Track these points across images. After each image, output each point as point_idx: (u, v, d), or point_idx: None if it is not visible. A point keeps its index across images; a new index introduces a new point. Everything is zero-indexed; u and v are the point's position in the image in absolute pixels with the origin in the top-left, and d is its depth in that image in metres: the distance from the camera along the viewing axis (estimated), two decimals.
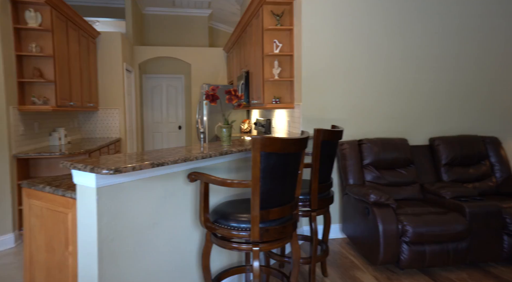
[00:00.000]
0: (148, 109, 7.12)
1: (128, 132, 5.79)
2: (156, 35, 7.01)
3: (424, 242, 2.63)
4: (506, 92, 3.71)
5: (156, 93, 7.16)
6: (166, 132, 7.23)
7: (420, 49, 3.53)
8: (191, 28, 7.11)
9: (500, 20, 3.62)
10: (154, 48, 6.60)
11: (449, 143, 3.44)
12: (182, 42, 7.07)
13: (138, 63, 6.55)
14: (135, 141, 6.34)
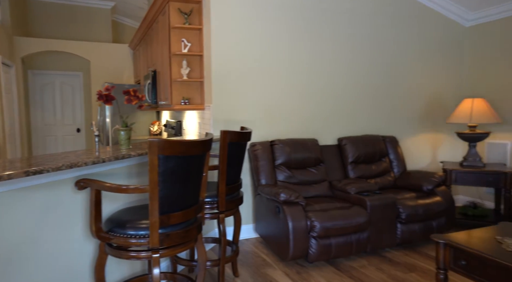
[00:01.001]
0: (37, 110, 6.52)
1: (8, 136, 5.24)
2: (46, 26, 6.49)
3: (330, 235, 2.97)
4: (402, 96, 4.37)
5: (47, 92, 6.60)
6: (62, 136, 6.71)
7: (329, 54, 3.97)
8: (90, 21, 6.75)
9: (399, 30, 4.26)
10: (42, 41, 6.10)
11: (355, 143, 3.92)
12: (79, 35, 6.66)
13: (20, 56, 5.97)
14: (19, 147, 5.74)
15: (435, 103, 4.56)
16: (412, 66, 4.40)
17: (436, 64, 4.52)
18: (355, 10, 4.04)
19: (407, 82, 4.39)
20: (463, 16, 4.52)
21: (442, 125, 4.61)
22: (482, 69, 4.46)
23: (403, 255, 3.22)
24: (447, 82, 4.61)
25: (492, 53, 4.34)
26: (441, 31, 4.50)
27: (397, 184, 3.92)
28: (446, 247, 2.19)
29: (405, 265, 3.00)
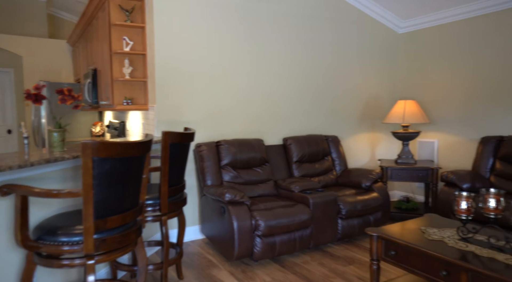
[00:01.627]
0: None
1: None
2: None
3: (275, 233, 3.05)
4: (343, 97, 4.60)
5: None
6: None
7: (274, 56, 4.06)
8: (23, 14, 6.27)
9: (339, 34, 4.47)
10: None
11: (299, 142, 4.06)
12: (10, 29, 6.17)
13: None
14: None
15: (373, 104, 4.87)
16: (352, 69, 4.65)
17: (373, 67, 4.83)
18: (298, 13, 4.19)
19: (347, 84, 4.63)
20: (396, 24, 4.87)
21: (379, 125, 4.93)
22: (413, 73, 4.84)
23: (343, 249, 3.40)
24: (383, 85, 4.94)
25: (421, 58, 4.72)
26: (377, 36, 4.81)
27: (339, 181, 4.13)
28: (379, 239, 2.36)
29: (345, 259, 3.18)
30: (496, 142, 3.77)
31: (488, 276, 1.78)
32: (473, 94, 4.18)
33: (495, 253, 1.97)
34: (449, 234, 2.29)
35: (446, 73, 4.45)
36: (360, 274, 2.87)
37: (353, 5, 4.55)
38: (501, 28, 3.90)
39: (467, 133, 4.26)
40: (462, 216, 2.18)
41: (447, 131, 4.46)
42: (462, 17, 4.23)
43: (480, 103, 4.12)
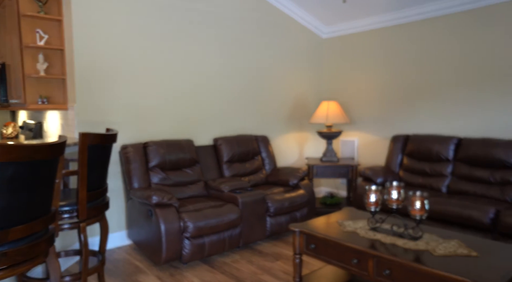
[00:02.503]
0: None
1: None
2: None
3: (204, 234, 3.08)
4: (272, 98, 4.77)
5: None
6: None
7: (203, 56, 4.07)
8: None
9: (268, 37, 4.61)
10: None
11: (229, 142, 4.12)
12: None
13: None
14: None
15: (300, 105, 5.12)
16: (280, 70, 4.84)
17: (300, 69, 5.08)
18: (228, 14, 4.25)
19: (275, 85, 4.81)
20: (320, 29, 5.18)
21: (306, 125, 5.21)
22: (336, 76, 5.19)
23: (272, 246, 3.55)
24: (309, 86, 5.22)
25: (343, 62, 5.09)
26: (303, 40, 5.07)
27: (268, 180, 4.27)
28: (300, 234, 2.52)
29: (273, 255, 3.31)
30: (404, 140, 4.22)
31: (389, 260, 2.01)
32: (386, 97, 4.61)
33: (396, 239, 2.22)
34: (361, 225, 2.52)
35: (363, 77, 4.85)
36: (286, 268, 3.02)
37: (280, 10, 4.74)
38: (410, 38, 4.36)
39: (382, 132, 4.69)
40: (372, 208, 2.42)
41: (365, 130, 4.86)
42: (376, 26, 4.64)
43: (392, 105, 4.56)
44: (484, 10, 3.76)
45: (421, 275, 1.89)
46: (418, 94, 4.32)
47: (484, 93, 3.81)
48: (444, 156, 3.86)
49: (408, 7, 4.24)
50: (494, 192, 3.46)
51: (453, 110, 4.04)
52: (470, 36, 3.88)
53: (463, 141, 3.79)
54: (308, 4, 4.66)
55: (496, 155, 3.49)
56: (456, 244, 2.16)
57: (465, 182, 3.69)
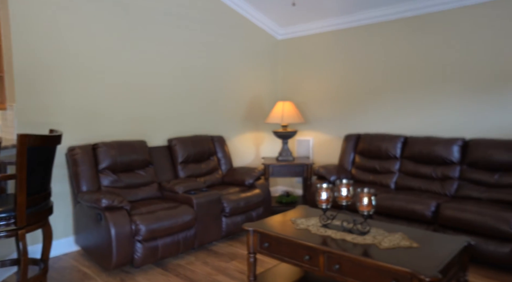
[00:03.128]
0: None
1: None
2: None
3: (157, 237, 3.02)
4: (228, 98, 4.77)
5: None
6: None
7: (157, 55, 3.98)
8: None
9: (223, 37, 4.60)
10: None
11: (184, 143, 4.07)
12: None
13: None
14: None
15: (256, 105, 5.17)
16: (236, 71, 4.86)
17: (255, 69, 5.12)
18: (183, 14, 4.19)
19: (231, 85, 4.82)
20: (276, 30, 5.26)
21: (262, 125, 5.26)
22: (291, 76, 5.30)
23: (227, 246, 3.55)
24: (265, 86, 5.28)
25: (297, 63, 5.20)
26: (259, 41, 5.13)
27: (224, 180, 4.27)
28: (254, 233, 2.54)
29: (228, 255, 3.32)
30: (356, 139, 4.40)
31: (338, 255, 2.09)
32: (339, 97, 4.78)
33: (346, 234, 2.31)
34: (313, 222, 2.59)
35: (318, 77, 4.99)
36: (241, 268, 3.04)
37: (236, 11, 4.75)
38: (360, 41, 4.55)
39: (335, 132, 4.85)
40: (323, 205, 2.50)
41: (320, 130, 5.01)
42: (329, 29, 4.79)
43: (344, 105, 4.74)
44: (421, 18, 4.01)
45: (367, 267, 1.99)
46: (368, 95, 4.52)
47: (427, 94, 4.06)
48: (392, 154, 4.07)
49: (357, 12, 4.42)
50: (436, 187, 3.70)
51: (400, 110, 4.28)
52: (412, 41, 4.12)
53: (409, 139, 4.02)
54: (264, 6, 4.72)
55: (437, 152, 3.74)
56: (400, 237, 2.29)
57: (411, 178, 3.92)
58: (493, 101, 3.65)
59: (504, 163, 3.35)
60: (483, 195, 3.41)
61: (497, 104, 3.64)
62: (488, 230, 2.91)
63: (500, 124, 3.63)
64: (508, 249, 2.84)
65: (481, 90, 3.71)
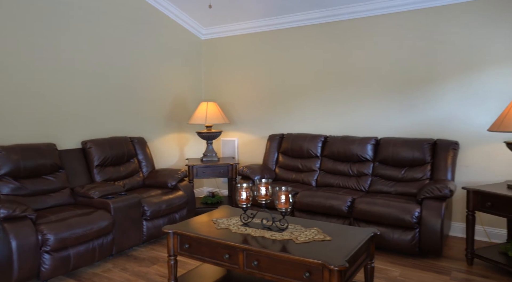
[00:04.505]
0: None
1: None
2: None
3: (69, 246, 2.84)
4: (150, 99, 4.65)
5: None
6: None
7: (69, 53, 3.71)
8: None
9: (146, 36, 4.45)
10: None
11: (101, 145, 3.87)
12: None
13: None
14: None
15: (180, 106, 5.11)
16: (158, 70, 4.76)
17: (179, 70, 5.07)
18: (101, 10, 3.98)
19: (153, 85, 4.70)
20: (199, 30, 5.26)
21: (186, 126, 5.22)
22: (215, 77, 5.34)
23: (149, 250, 3.46)
24: (189, 87, 5.25)
25: (222, 63, 5.26)
26: (182, 40, 5.08)
27: (145, 183, 4.16)
28: (174, 235, 2.53)
29: (150, 259, 3.24)
30: (279, 139, 4.59)
31: (256, 252, 2.17)
32: (263, 98, 4.95)
33: (265, 232, 2.41)
34: (234, 221, 2.66)
35: (242, 78, 5.10)
36: (163, 272, 2.99)
37: (157, 9, 4.65)
38: (282, 44, 4.76)
39: (260, 132, 5.00)
40: (243, 205, 2.57)
41: (245, 130, 5.12)
42: (252, 30, 4.93)
43: (268, 106, 4.91)
44: (337, 24, 4.34)
45: (283, 262, 2.10)
46: (291, 96, 4.74)
47: (344, 97, 4.39)
48: (313, 152, 4.33)
49: (277, 16, 4.62)
50: (352, 183, 4.02)
51: (321, 111, 4.56)
52: (329, 46, 4.43)
53: (328, 139, 4.31)
54: (186, 5, 4.68)
55: (354, 150, 4.06)
56: (315, 231, 2.45)
57: (330, 175, 4.20)
58: (401, 103, 4.08)
59: (409, 160, 3.77)
60: (391, 189, 3.79)
61: (403, 106, 4.07)
62: (394, 220, 3.25)
63: (406, 124, 4.07)
64: (410, 237, 3.21)
65: (391, 93, 4.13)
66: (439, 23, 3.82)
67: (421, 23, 3.90)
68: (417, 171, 3.74)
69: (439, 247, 3.13)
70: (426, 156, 3.71)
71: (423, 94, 3.95)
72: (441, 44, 3.82)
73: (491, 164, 3.65)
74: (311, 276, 2.01)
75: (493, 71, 3.60)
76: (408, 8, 3.94)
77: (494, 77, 3.61)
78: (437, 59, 3.86)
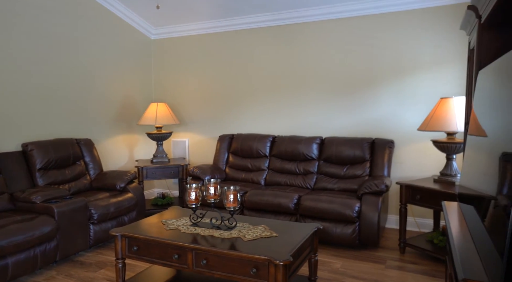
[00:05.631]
0: None
1: None
2: None
3: (7, 254, 2.65)
4: (97, 99, 4.45)
5: None
6: None
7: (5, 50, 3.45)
8: None
9: (94, 37, 4.25)
10: None
11: (44, 147, 3.65)
12: None
13: None
14: None
15: (129, 107, 4.95)
16: (107, 71, 4.57)
17: (129, 70, 4.91)
18: (45, 5, 3.74)
19: (101, 85, 4.52)
20: (149, 30, 5.14)
21: (135, 127, 5.07)
22: (166, 77, 5.25)
23: (96, 254, 3.33)
24: (139, 87, 5.11)
25: (172, 64, 5.18)
26: (131, 40, 4.93)
27: (93, 186, 3.98)
28: (122, 238, 2.46)
29: (97, 264, 3.12)
30: (229, 139, 4.62)
31: (205, 251, 2.19)
32: (214, 99, 4.94)
33: (214, 231, 2.43)
34: (184, 222, 2.64)
35: (193, 79, 5.06)
36: (111, 276, 2.90)
37: (105, 7, 4.47)
38: (234, 45, 4.78)
39: (210, 132, 4.99)
40: (192, 205, 2.57)
41: (195, 131, 5.09)
42: (203, 31, 4.91)
43: (219, 107, 4.92)
44: (284, 28, 4.46)
45: (231, 259, 2.13)
46: (241, 97, 4.79)
47: (292, 98, 4.52)
48: (262, 152, 4.40)
49: (227, 18, 4.64)
50: (299, 181, 4.15)
51: (269, 112, 4.65)
52: (278, 48, 4.54)
53: (276, 138, 4.41)
54: (134, 4, 4.55)
55: (300, 149, 4.20)
56: (263, 229, 2.51)
57: (278, 174, 4.30)
58: (344, 105, 4.28)
59: (351, 158, 3.97)
60: (335, 186, 3.97)
61: (346, 107, 4.27)
62: (336, 215, 3.41)
63: (348, 124, 4.27)
64: (350, 230, 3.38)
65: (335, 95, 4.31)
66: (377, 30, 4.06)
67: (362, 29, 4.13)
68: (357, 168, 3.95)
69: (377, 239, 3.34)
70: (366, 154, 3.93)
71: (363, 96, 4.18)
72: (379, 50, 4.07)
73: (422, 160, 3.95)
74: (258, 271, 2.06)
75: (422, 76, 3.91)
76: (350, 14, 4.14)
77: (423, 81, 3.91)
78: (376, 64, 4.10)
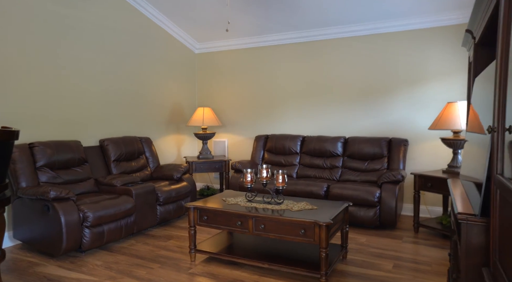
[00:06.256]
0: None
1: None
2: None
3: (103, 223, 3.33)
4: (153, 104, 5.16)
5: None
6: None
7: (88, 63, 4.19)
8: None
9: (150, 50, 4.99)
10: None
11: (116, 143, 4.35)
12: None
13: None
14: None
15: (177, 111, 5.66)
16: (159, 79, 5.29)
17: (176, 79, 5.62)
18: (110, 26, 4.49)
19: (155, 92, 5.24)
20: (194, 45, 5.85)
21: (183, 128, 5.77)
22: (209, 85, 5.94)
23: (162, 230, 3.98)
24: (185, 94, 5.81)
25: (214, 74, 5.88)
26: (178, 53, 5.65)
27: (153, 176, 4.67)
28: (195, 209, 3.10)
29: (165, 236, 3.77)
30: (264, 139, 5.25)
31: (263, 217, 2.80)
32: (250, 104, 5.60)
33: (266, 205, 3.05)
34: (240, 199, 3.27)
35: (232, 87, 5.74)
36: (179, 244, 3.54)
37: (158, 25, 5.20)
38: (267, 58, 5.44)
39: (247, 133, 5.64)
40: (248, 185, 3.20)
41: (233, 132, 5.74)
42: (241, 46, 5.58)
43: (254, 111, 5.57)
44: (312, 44, 5.10)
45: (285, 223, 2.74)
46: (273, 103, 5.43)
47: (319, 103, 5.13)
48: (294, 150, 5.01)
49: (264, 34, 5.31)
50: (326, 174, 4.74)
51: (299, 115, 5.27)
52: (307, 61, 5.17)
53: (306, 138, 5.02)
54: (182, 22, 5.27)
55: (327, 147, 4.79)
56: (305, 204, 3.11)
57: (308, 168, 4.90)
58: (364, 109, 4.87)
59: (371, 154, 4.54)
60: (358, 178, 4.54)
61: (366, 111, 4.86)
62: (360, 200, 3.98)
63: (368, 125, 4.85)
64: (372, 213, 3.95)
65: (356, 100, 4.91)
66: (391, 46, 4.66)
67: (378, 45, 4.72)
68: (377, 163, 4.52)
69: (394, 221, 3.89)
70: (384, 151, 4.50)
71: (380, 102, 4.76)
72: (394, 62, 4.66)
73: (432, 157, 4.49)
74: (306, 232, 2.66)
75: (430, 84, 4.47)
76: (368, 32, 4.75)
77: (431, 89, 4.47)
78: (391, 74, 4.68)
